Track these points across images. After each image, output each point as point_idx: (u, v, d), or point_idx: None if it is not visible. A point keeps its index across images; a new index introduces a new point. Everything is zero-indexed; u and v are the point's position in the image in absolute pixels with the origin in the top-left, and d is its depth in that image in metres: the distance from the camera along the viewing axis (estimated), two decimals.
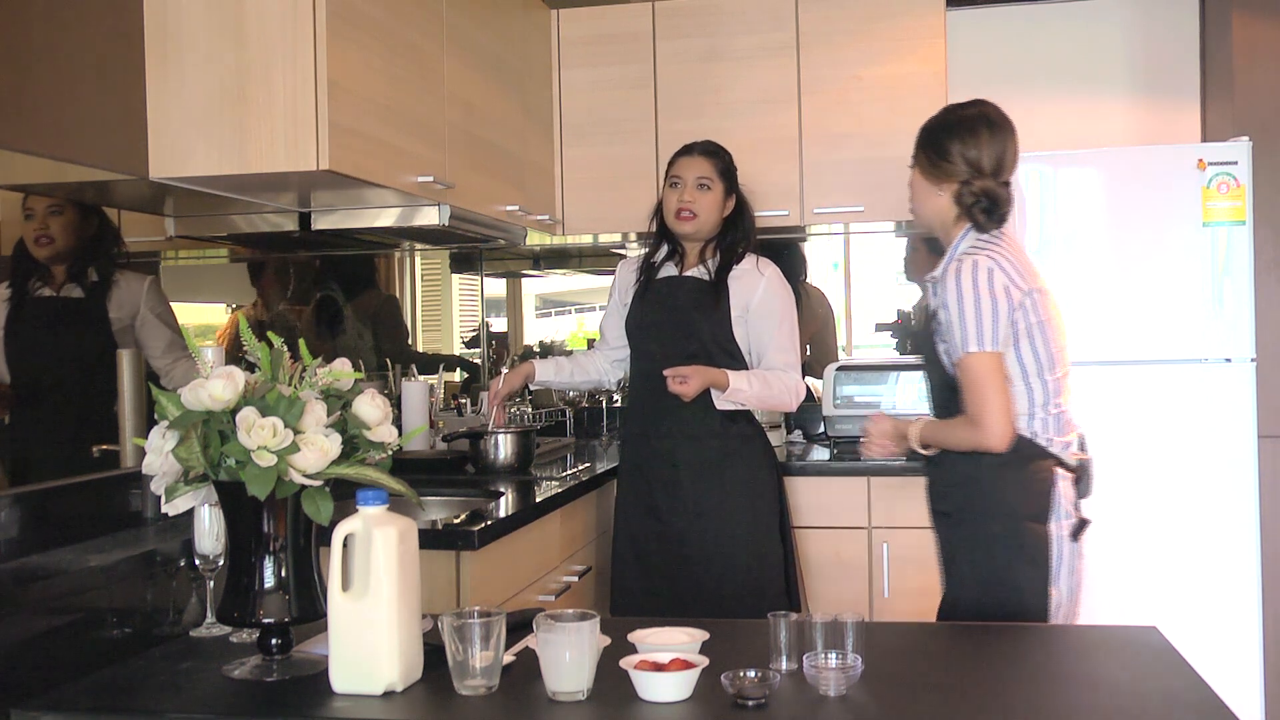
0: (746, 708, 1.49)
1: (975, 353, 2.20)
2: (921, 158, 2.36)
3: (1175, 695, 1.56)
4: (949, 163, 2.31)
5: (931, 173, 2.34)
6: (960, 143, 2.31)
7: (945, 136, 2.33)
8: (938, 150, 2.33)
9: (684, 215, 2.99)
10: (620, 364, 3.22)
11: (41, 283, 2.32)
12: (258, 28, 2.33)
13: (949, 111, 2.39)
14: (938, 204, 2.35)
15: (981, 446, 2.22)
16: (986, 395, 2.20)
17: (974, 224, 2.30)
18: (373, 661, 1.56)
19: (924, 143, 2.37)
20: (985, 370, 2.20)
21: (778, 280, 3.01)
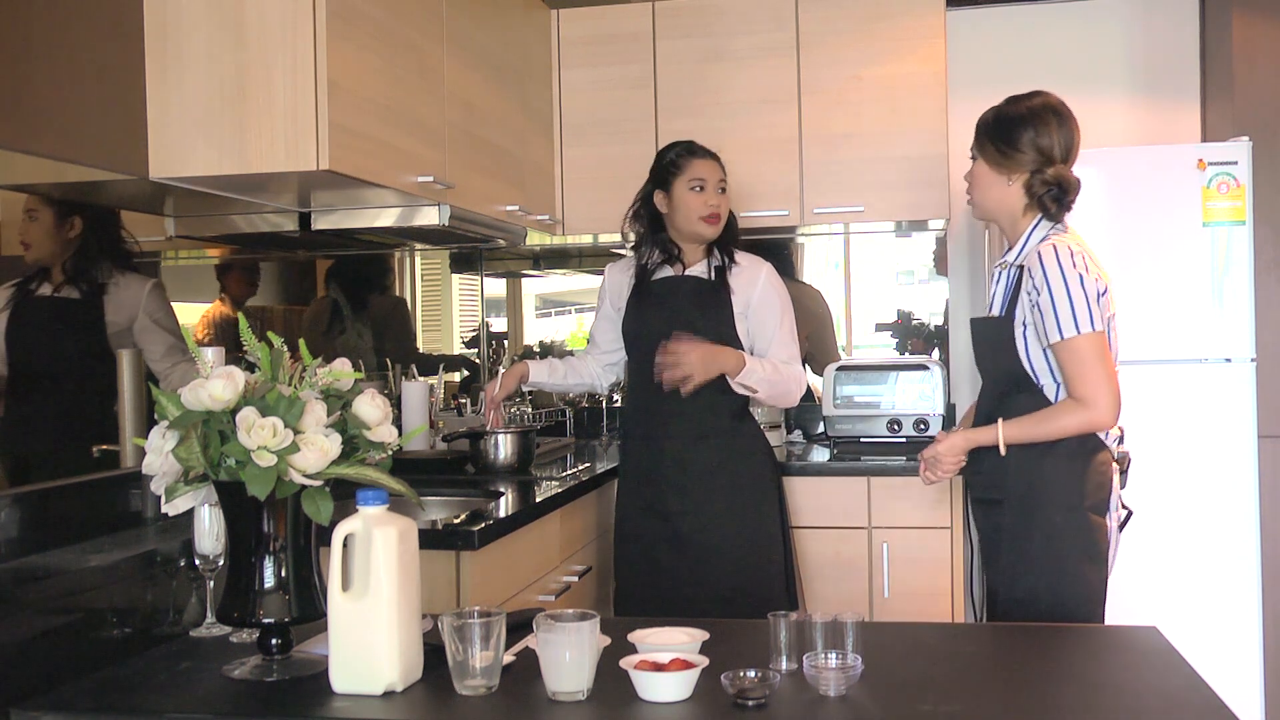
0: (746, 708, 1.49)
1: (1085, 334, 2.21)
2: (989, 149, 2.36)
3: (1175, 695, 1.56)
4: (1020, 152, 2.33)
5: (1001, 163, 2.35)
6: (1032, 132, 2.34)
7: (1016, 127, 2.35)
8: (1008, 141, 2.35)
9: (712, 219, 2.98)
10: (613, 368, 3.22)
11: (44, 282, 2.32)
12: (258, 28, 2.33)
13: (1015, 102, 2.41)
14: (1006, 194, 2.36)
15: (1095, 427, 2.24)
16: (1100, 374, 2.22)
17: (1045, 212, 2.33)
18: (373, 661, 1.56)
19: (992, 134, 2.37)
20: (1095, 350, 2.23)
21: (774, 276, 3.03)
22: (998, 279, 2.41)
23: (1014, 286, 2.32)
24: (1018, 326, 2.30)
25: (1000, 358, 2.35)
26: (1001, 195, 2.37)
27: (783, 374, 2.94)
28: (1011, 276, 2.34)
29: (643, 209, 3.08)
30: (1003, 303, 2.36)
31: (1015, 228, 2.38)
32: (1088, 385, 2.23)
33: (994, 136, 2.36)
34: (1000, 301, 2.37)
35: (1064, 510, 2.27)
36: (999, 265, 2.40)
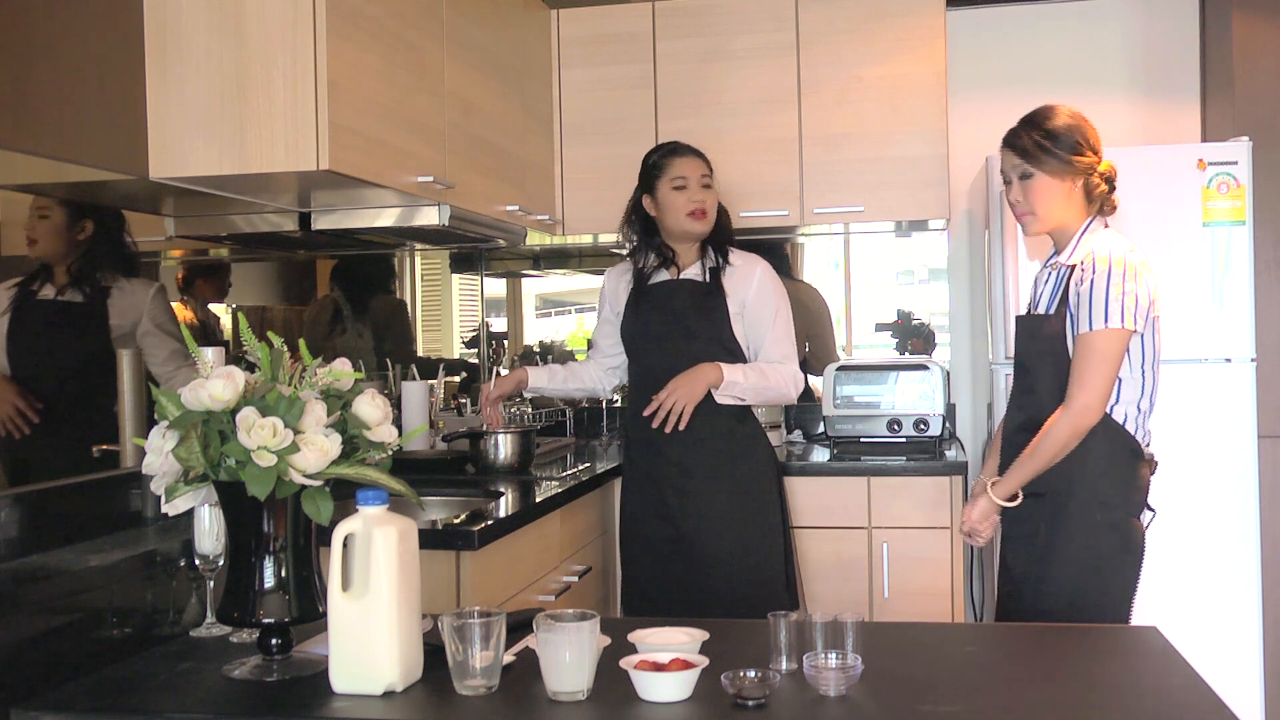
0: (746, 708, 1.49)
1: (1111, 329, 2.25)
2: (1052, 161, 2.38)
3: (1175, 695, 1.56)
4: (1081, 156, 2.38)
5: (1066, 171, 2.38)
6: (1081, 135, 2.39)
7: (1072, 134, 2.39)
8: (1069, 147, 2.38)
9: (698, 214, 2.98)
10: (615, 372, 3.22)
11: (45, 284, 2.31)
12: (258, 28, 2.33)
13: (1048, 114, 2.43)
14: (1069, 200, 2.40)
15: (1079, 427, 2.27)
16: (1100, 375, 2.26)
17: (1101, 208, 2.41)
18: (373, 661, 1.56)
19: (1050, 145, 2.39)
20: (1116, 347, 2.27)
21: (769, 275, 3.02)
22: (1045, 280, 2.46)
23: (1064, 285, 2.37)
24: (1068, 324, 2.34)
25: (1045, 355, 2.38)
26: (1068, 202, 2.41)
27: (771, 377, 2.94)
28: (1062, 276, 2.38)
29: (634, 215, 3.09)
30: (1050, 301, 2.40)
31: (1068, 231, 2.42)
32: (1081, 381, 2.27)
33: (1058, 147, 2.39)
34: (1049, 300, 2.41)
35: (1106, 509, 2.30)
36: (1049, 266, 2.45)
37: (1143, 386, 2.34)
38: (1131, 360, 2.32)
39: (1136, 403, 2.34)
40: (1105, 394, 2.28)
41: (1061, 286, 2.38)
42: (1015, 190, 2.44)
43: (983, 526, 2.43)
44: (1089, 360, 2.27)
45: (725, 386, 2.90)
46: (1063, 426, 2.29)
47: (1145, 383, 2.35)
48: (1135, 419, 2.34)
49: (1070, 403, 2.28)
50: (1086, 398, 2.27)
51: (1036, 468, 2.33)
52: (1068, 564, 2.30)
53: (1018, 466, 2.36)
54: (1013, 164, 2.44)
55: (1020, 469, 2.35)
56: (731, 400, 2.93)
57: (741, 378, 2.90)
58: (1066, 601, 2.27)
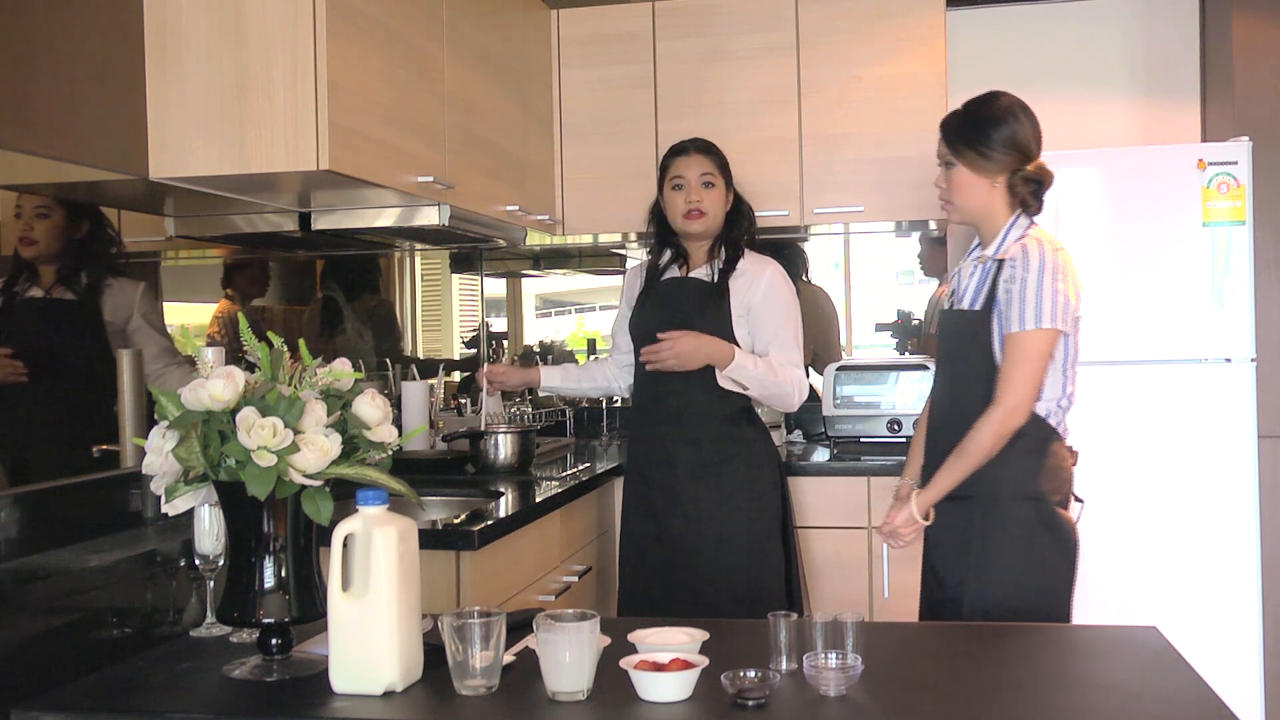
0: (746, 708, 1.49)
1: (1040, 329, 2.23)
2: (970, 154, 2.37)
3: (1175, 695, 1.56)
4: (1001, 153, 2.34)
5: (984, 166, 2.36)
6: (1007, 130, 2.35)
7: (990, 127, 2.36)
8: (986, 142, 2.35)
9: (693, 214, 2.97)
10: (631, 369, 3.21)
11: (30, 284, 2.30)
12: (258, 28, 2.33)
13: (982, 104, 2.41)
14: (990, 196, 2.37)
15: (1007, 427, 2.25)
16: (1028, 374, 2.24)
17: (1025, 208, 2.36)
18: (373, 661, 1.56)
19: (969, 139, 2.37)
20: (1044, 348, 2.25)
21: (780, 278, 3.00)
22: (971, 273, 2.41)
23: (990, 280, 2.33)
24: (995, 320, 2.30)
25: (971, 351, 2.35)
26: (987, 197, 2.37)
27: (779, 375, 2.90)
28: (988, 270, 2.35)
29: (653, 214, 3.10)
30: (975, 295, 2.37)
31: (994, 225, 2.38)
32: (1010, 381, 2.25)
33: (972, 141, 2.37)
34: (974, 295, 2.37)
35: (1031, 503, 2.29)
36: (974, 260, 2.41)
37: (1064, 385, 2.32)
38: (1055, 360, 2.29)
39: (1058, 400, 2.32)
40: (1033, 395, 2.26)
41: (988, 281, 2.34)
42: (941, 176, 2.43)
43: (906, 531, 2.39)
44: (1018, 360, 2.25)
45: (732, 368, 2.85)
46: (990, 428, 2.26)
47: (1066, 381, 2.32)
48: (1055, 415, 2.32)
49: (998, 404, 2.25)
50: (1015, 399, 2.24)
51: (964, 471, 2.29)
52: (1008, 565, 2.28)
53: (944, 471, 2.32)
54: (941, 150, 2.42)
55: (947, 473, 2.32)
56: (734, 386, 2.89)
57: (751, 365, 2.86)
58: (1009, 603, 2.25)
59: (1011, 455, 2.28)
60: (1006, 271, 2.29)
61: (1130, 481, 3.42)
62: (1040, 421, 2.30)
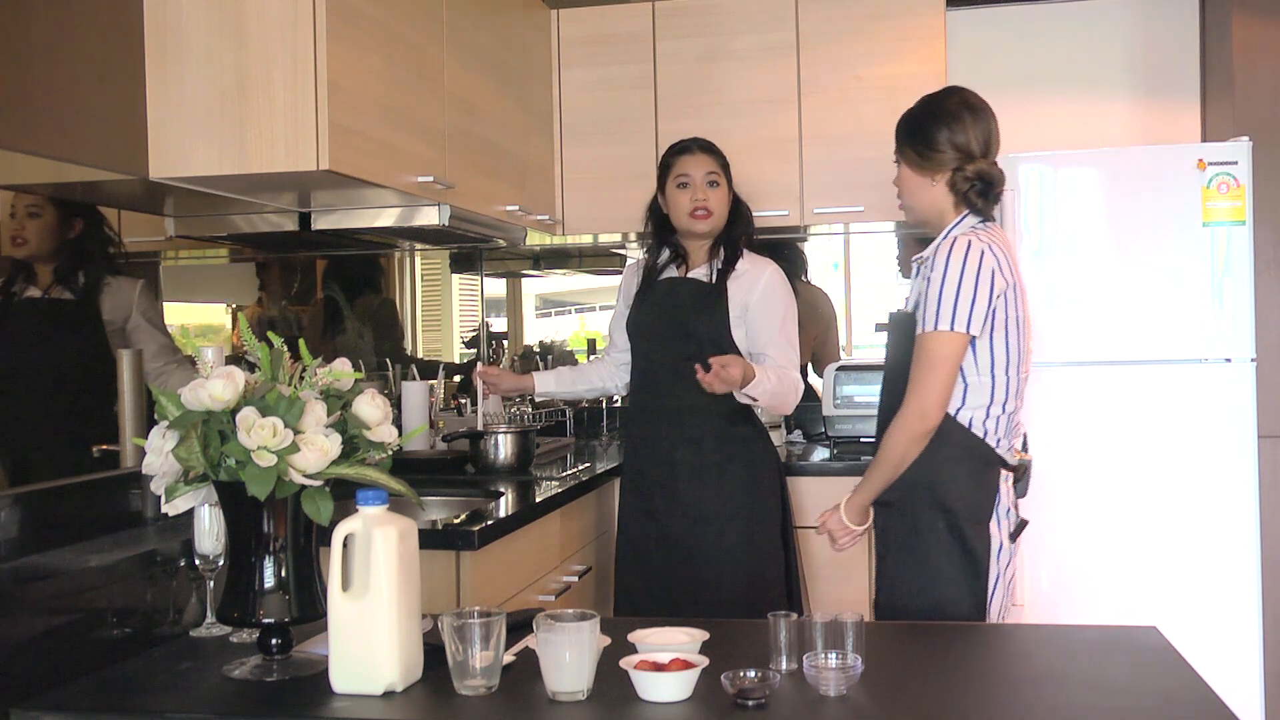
0: (746, 708, 1.49)
1: (945, 332, 2.18)
2: (909, 152, 2.35)
3: (1175, 695, 1.56)
4: (939, 152, 2.31)
5: (922, 165, 2.33)
6: (947, 130, 2.31)
7: (929, 126, 2.33)
8: (926, 141, 2.33)
9: (700, 214, 2.96)
10: (628, 367, 3.20)
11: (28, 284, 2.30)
12: (258, 28, 2.33)
13: (929, 102, 2.39)
14: (932, 195, 2.34)
15: (917, 432, 2.20)
16: (936, 378, 2.19)
17: (971, 208, 2.32)
18: (373, 661, 1.56)
19: (910, 136, 2.36)
20: (950, 351, 2.19)
21: (777, 278, 2.99)
22: (915, 273, 2.39)
23: None
24: None
25: (904, 354, 2.30)
26: (930, 197, 2.35)
27: (785, 384, 2.89)
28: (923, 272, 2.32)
29: (651, 211, 3.09)
30: (914, 298, 2.35)
31: (941, 225, 2.35)
32: (917, 384, 2.21)
33: (912, 139, 2.35)
34: (914, 297, 2.35)
35: (945, 516, 2.24)
36: (916, 260, 2.38)
37: (992, 391, 2.24)
38: (978, 364, 2.23)
39: (986, 407, 2.24)
40: (940, 399, 2.20)
41: None
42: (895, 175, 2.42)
43: (839, 534, 2.37)
44: (921, 363, 2.21)
45: (753, 385, 2.80)
46: (899, 431, 2.22)
47: (997, 387, 2.24)
48: (984, 423, 2.25)
49: (905, 407, 2.22)
50: (919, 403, 2.20)
51: (883, 475, 2.26)
52: (912, 574, 2.25)
53: (866, 476, 2.31)
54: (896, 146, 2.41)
55: (868, 478, 2.30)
56: (746, 400, 2.88)
57: (765, 380, 2.82)
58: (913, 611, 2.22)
59: (931, 464, 2.23)
60: (925, 269, 2.26)
61: (1130, 481, 3.42)
62: (963, 431, 2.24)
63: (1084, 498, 3.42)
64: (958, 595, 2.23)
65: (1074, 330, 3.44)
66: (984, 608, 2.24)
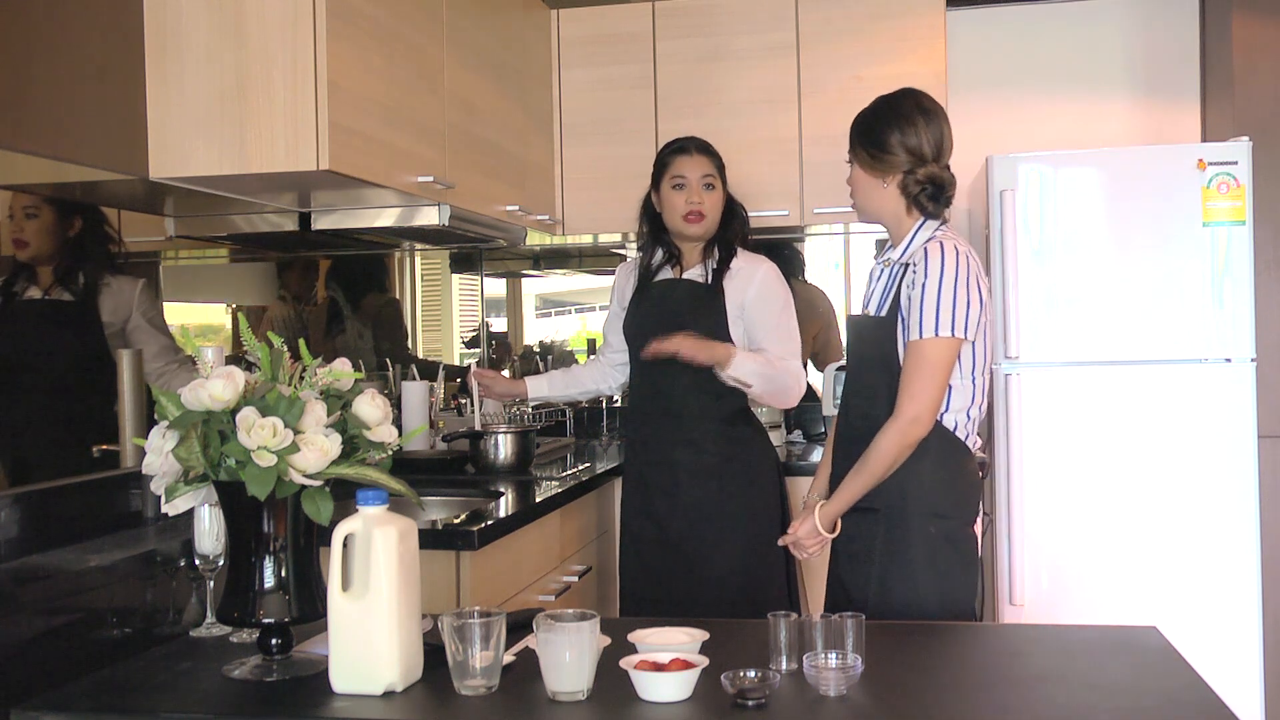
0: (746, 708, 1.49)
1: (945, 338, 2.17)
2: (861, 153, 2.34)
3: (1175, 695, 1.56)
4: (890, 154, 2.30)
5: (874, 166, 2.32)
6: (899, 132, 2.30)
7: (882, 128, 2.32)
8: (877, 143, 2.32)
9: (693, 217, 2.95)
10: (623, 368, 3.20)
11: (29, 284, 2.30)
12: (258, 28, 2.33)
13: (881, 103, 2.38)
14: (883, 196, 2.33)
15: (909, 439, 2.19)
16: (931, 384, 2.18)
17: (922, 211, 2.31)
18: (373, 661, 1.56)
19: (861, 138, 2.35)
20: (948, 357, 2.19)
21: (773, 275, 2.99)
22: (878, 276, 2.37)
23: (896, 285, 2.28)
24: (899, 326, 2.25)
25: (876, 358, 2.29)
26: (881, 198, 2.34)
27: (778, 368, 2.88)
28: (894, 274, 2.30)
29: (644, 211, 3.09)
30: (881, 300, 2.32)
31: (900, 227, 2.34)
32: (911, 392, 2.18)
33: (864, 141, 2.34)
34: (881, 299, 2.33)
35: (937, 520, 2.24)
36: (881, 262, 2.37)
37: (973, 394, 2.26)
38: (962, 368, 2.24)
39: (966, 410, 2.26)
40: (935, 405, 2.20)
41: (894, 286, 2.28)
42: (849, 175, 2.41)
43: (809, 543, 2.34)
44: (919, 370, 2.18)
45: (734, 366, 2.81)
46: (891, 439, 2.19)
47: (976, 389, 2.26)
48: (965, 426, 2.26)
49: (899, 414, 2.19)
50: (916, 409, 2.18)
51: (866, 483, 2.23)
52: (907, 581, 2.23)
53: (848, 482, 2.26)
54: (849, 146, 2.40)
55: (850, 485, 2.26)
56: (735, 384, 2.86)
57: (751, 361, 2.83)
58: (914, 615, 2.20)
59: (918, 469, 2.22)
60: (909, 276, 2.23)
61: (1130, 481, 3.42)
62: (948, 435, 2.24)
63: (1084, 498, 3.42)
64: (963, 595, 2.24)
65: (1074, 330, 3.44)
66: (979, 606, 2.25)
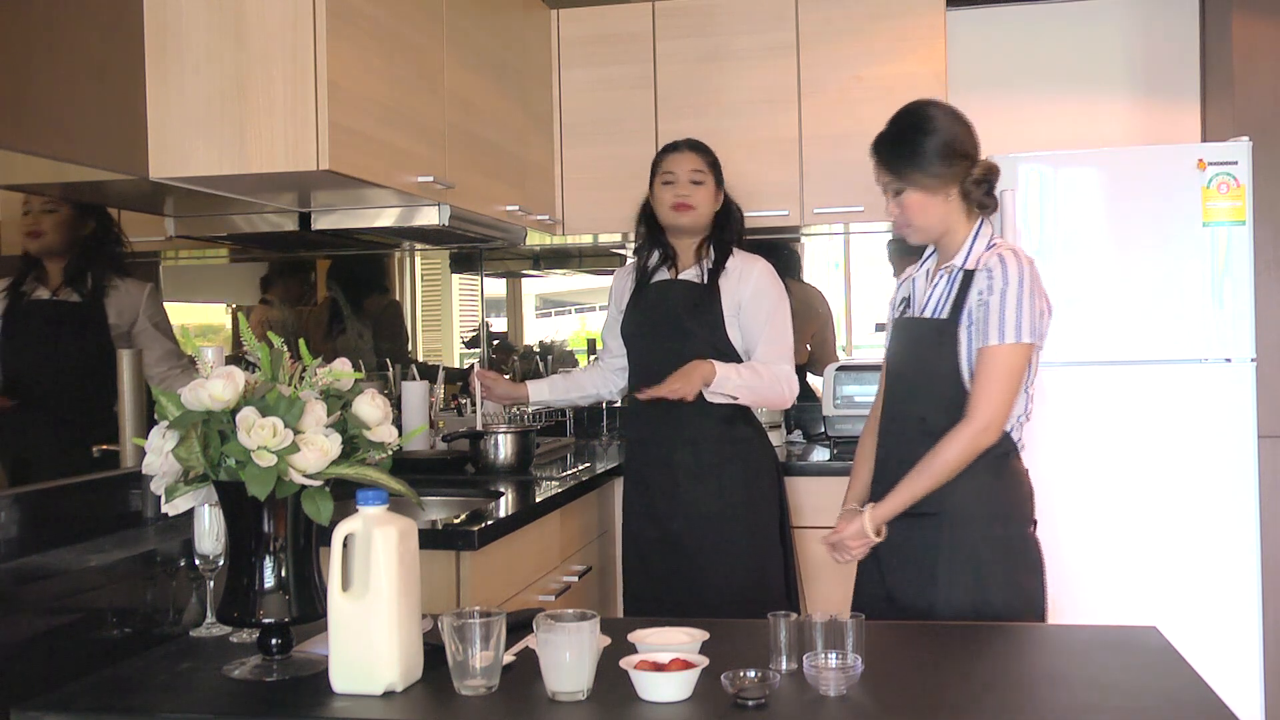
0: (746, 708, 1.49)
1: (1021, 344, 2.18)
2: (914, 176, 2.28)
3: (1175, 695, 1.56)
4: (949, 165, 2.27)
5: (932, 185, 2.28)
6: (942, 141, 2.28)
7: (927, 144, 2.28)
8: (931, 159, 2.27)
9: (681, 207, 2.97)
10: (622, 372, 3.20)
11: (38, 284, 2.30)
12: (258, 28, 2.33)
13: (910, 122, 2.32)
14: (945, 210, 2.30)
15: (978, 445, 2.18)
16: (1003, 390, 2.18)
17: (981, 210, 2.31)
18: (373, 661, 1.56)
19: (909, 163, 2.29)
20: (1016, 363, 2.19)
21: (768, 275, 2.99)
22: (936, 281, 2.33)
23: (957, 289, 2.26)
24: (962, 330, 2.23)
25: (935, 362, 2.26)
26: (943, 212, 2.30)
27: (764, 377, 2.89)
28: (954, 279, 2.28)
29: (642, 213, 3.09)
30: (939, 306, 2.29)
31: (956, 236, 2.31)
32: (987, 397, 2.18)
33: (916, 164, 2.29)
34: (937, 304, 2.30)
35: (1002, 522, 2.23)
36: (940, 269, 2.32)
37: (1025, 401, 2.26)
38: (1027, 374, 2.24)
39: (1018, 416, 2.26)
40: (1007, 411, 2.19)
41: (953, 290, 2.27)
42: (891, 204, 2.35)
43: (855, 545, 2.28)
44: (994, 375, 2.17)
45: (717, 383, 2.84)
46: (962, 444, 2.18)
47: (1028, 398, 2.27)
48: (1018, 430, 2.26)
49: (972, 419, 2.18)
50: (990, 415, 2.17)
51: (927, 487, 2.20)
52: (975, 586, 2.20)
53: (904, 487, 2.22)
54: (883, 178, 2.33)
55: (907, 489, 2.22)
56: (723, 399, 2.89)
57: (735, 375, 2.86)
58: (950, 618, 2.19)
59: (979, 473, 2.21)
60: (982, 282, 2.21)
61: (1130, 481, 3.42)
62: (1006, 438, 2.24)
63: (1084, 498, 3.42)
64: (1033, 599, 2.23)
65: (1074, 330, 3.44)
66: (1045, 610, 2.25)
